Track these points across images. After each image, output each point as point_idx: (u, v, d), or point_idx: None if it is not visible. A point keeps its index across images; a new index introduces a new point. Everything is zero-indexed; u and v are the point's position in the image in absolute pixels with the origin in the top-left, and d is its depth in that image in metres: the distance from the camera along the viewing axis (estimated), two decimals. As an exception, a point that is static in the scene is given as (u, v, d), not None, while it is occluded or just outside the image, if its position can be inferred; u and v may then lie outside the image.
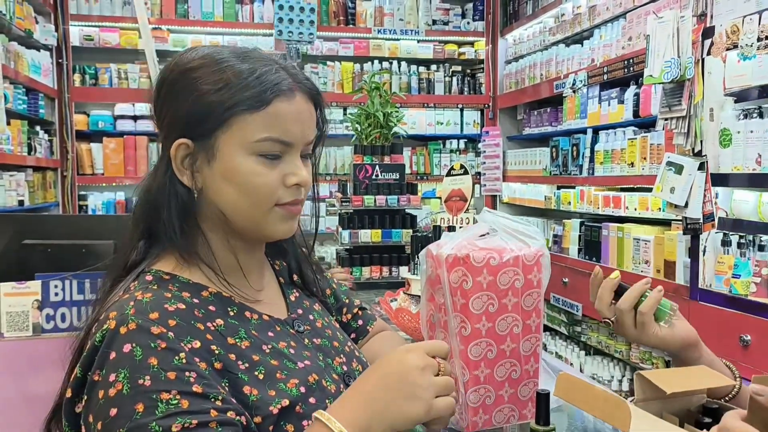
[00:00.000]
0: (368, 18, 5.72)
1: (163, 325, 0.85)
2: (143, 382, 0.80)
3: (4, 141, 3.88)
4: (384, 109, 3.21)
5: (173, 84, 0.96)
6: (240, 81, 0.93)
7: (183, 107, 0.94)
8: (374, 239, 3.20)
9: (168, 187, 0.96)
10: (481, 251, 1.14)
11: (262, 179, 0.94)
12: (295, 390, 0.92)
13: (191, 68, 0.96)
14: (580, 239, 4.12)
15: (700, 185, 2.78)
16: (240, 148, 0.93)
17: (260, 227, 0.98)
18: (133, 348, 0.82)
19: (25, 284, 2.48)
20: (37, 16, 4.76)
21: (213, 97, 0.93)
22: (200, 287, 0.96)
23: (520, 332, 1.17)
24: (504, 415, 1.18)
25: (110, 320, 0.86)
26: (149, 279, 0.94)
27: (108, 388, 0.81)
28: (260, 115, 0.93)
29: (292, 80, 0.97)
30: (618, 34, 3.92)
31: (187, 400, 0.80)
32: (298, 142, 0.98)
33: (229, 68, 0.94)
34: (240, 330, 0.94)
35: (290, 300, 1.10)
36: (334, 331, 1.12)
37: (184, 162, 0.96)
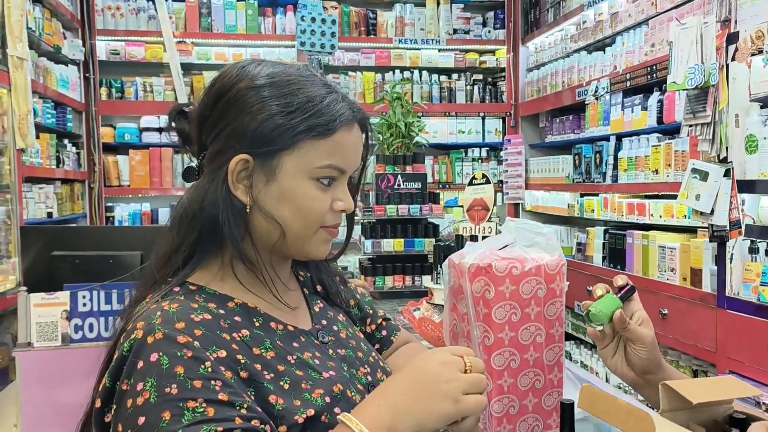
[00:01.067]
0: (389, 28, 5.74)
1: (189, 335, 0.87)
2: (170, 391, 0.82)
3: (33, 154, 3.96)
4: (406, 118, 3.22)
5: (239, 98, 0.97)
6: (311, 107, 0.96)
7: (250, 123, 0.95)
8: (397, 248, 3.21)
9: (226, 200, 0.96)
10: (504, 261, 1.15)
11: (317, 203, 0.98)
12: (320, 400, 0.92)
13: (261, 85, 0.97)
14: (604, 247, 4.09)
15: (726, 192, 2.74)
16: (301, 172, 0.96)
17: (304, 247, 1.01)
18: (160, 357, 0.84)
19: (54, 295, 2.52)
20: (65, 32, 4.86)
21: (283, 120, 0.95)
22: (226, 298, 0.98)
23: (543, 341, 1.17)
24: (528, 425, 1.18)
25: (137, 330, 0.87)
26: (177, 290, 0.96)
27: (136, 397, 0.82)
28: (326, 142, 0.97)
29: (351, 110, 1.01)
30: (640, 40, 3.89)
31: (212, 408, 0.82)
32: (351, 169, 1.03)
33: (301, 92, 0.97)
34: (266, 341, 0.96)
35: (314, 311, 1.11)
36: (358, 341, 1.13)
37: (239, 176, 0.97)
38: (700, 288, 3.10)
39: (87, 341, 2.30)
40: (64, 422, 1.03)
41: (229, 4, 5.42)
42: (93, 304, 2.36)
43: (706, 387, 0.92)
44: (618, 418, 0.83)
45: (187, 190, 1.03)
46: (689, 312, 3.15)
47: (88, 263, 2.45)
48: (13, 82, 3.46)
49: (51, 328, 2.37)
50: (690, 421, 0.91)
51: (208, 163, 1.00)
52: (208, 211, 0.97)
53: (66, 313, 2.37)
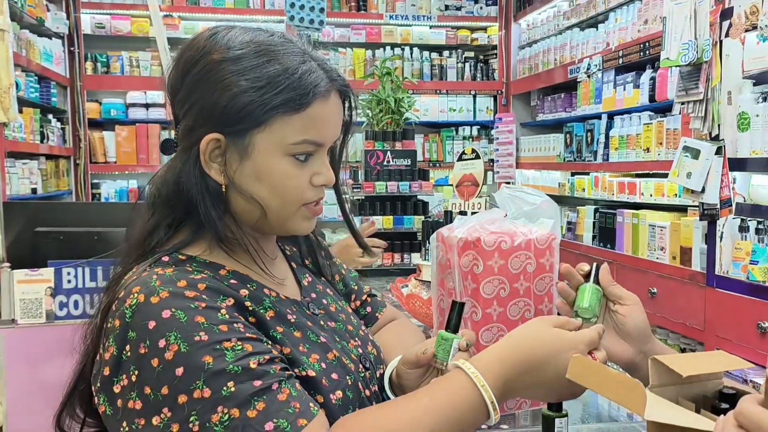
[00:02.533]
0: (380, 4, 5.67)
1: (195, 290, 0.86)
2: (200, 339, 0.81)
3: (16, 129, 3.89)
4: (395, 94, 3.18)
5: (207, 72, 0.92)
6: (283, 80, 0.91)
7: (219, 101, 0.91)
8: (386, 226, 3.19)
9: (200, 180, 0.93)
10: (492, 235, 1.12)
11: (294, 181, 0.94)
12: (317, 365, 0.92)
13: (227, 59, 0.92)
14: (594, 226, 4.08)
15: (717, 170, 2.73)
16: (275, 149, 0.92)
17: (284, 225, 0.98)
18: (173, 312, 0.83)
19: (38, 271, 2.49)
20: (48, 4, 4.76)
21: (253, 96, 0.90)
22: (218, 266, 0.95)
23: (532, 317, 1.15)
24: (515, 400, 1.17)
25: (135, 294, 0.85)
26: (166, 260, 0.93)
27: (162, 353, 0.80)
28: (300, 117, 0.92)
29: (328, 78, 0.95)
30: (634, 17, 3.85)
31: (249, 344, 0.83)
32: (329, 141, 0.98)
33: (271, 64, 0.92)
34: (264, 300, 0.95)
35: (303, 284, 1.09)
36: (348, 315, 1.11)
37: (212, 155, 0.93)
38: (689, 267, 3.10)
39: (72, 318, 2.27)
40: (48, 400, 1.01)
41: (217, -22, 5.34)
42: (78, 280, 2.33)
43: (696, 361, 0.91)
44: (608, 389, 0.81)
45: (162, 167, 1.00)
46: (678, 291, 3.15)
47: (73, 239, 2.42)
48: (-6, 55, 3.39)
49: (35, 305, 2.34)
50: (679, 396, 0.89)
51: (180, 140, 0.96)
52: (185, 192, 0.94)
53: (50, 290, 2.34)
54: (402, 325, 1.28)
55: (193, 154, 0.93)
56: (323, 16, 4.64)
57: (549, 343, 0.90)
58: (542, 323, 0.93)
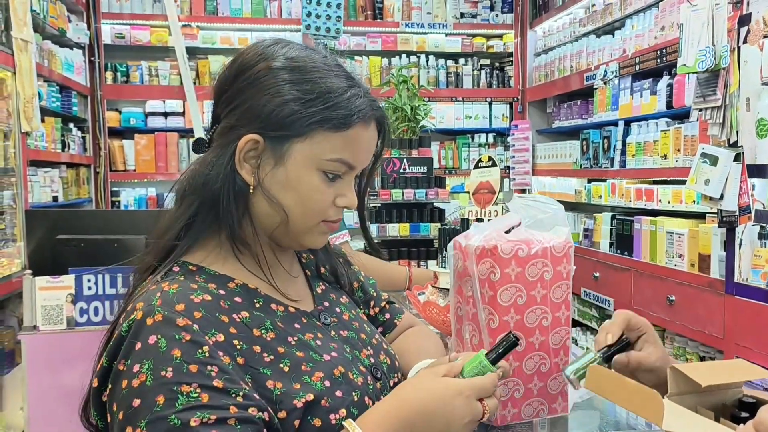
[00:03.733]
0: (396, 12, 5.69)
1: (189, 317, 0.86)
2: (165, 374, 0.81)
3: (38, 138, 3.95)
4: (412, 102, 3.19)
5: (259, 77, 0.95)
6: (331, 98, 0.94)
7: (267, 104, 0.94)
8: (402, 233, 3.19)
9: (229, 177, 0.95)
10: (509, 242, 1.13)
11: (320, 196, 0.97)
12: (320, 384, 0.92)
13: (283, 68, 0.95)
14: (611, 233, 4.06)
15: (735, 177, 2.71)
16: (310, 162, 0.95)
17: (301, 237, 1.00)
18: (158, 339, 0.83)
19: (59, 278, 2.52)
20: (69, 15, 4.83)
21: (300, 107, 0.93)
22: (227, 279, 0.96)
23: (549, 325, 1.15)
24: (533, 408, 1.17)
25: (137, 311, 0.87)
26: (176, 270, 0.95)
27: (132, 378, 0.82)
28: (340, 135, 0.95)
29: (371, 108, 0.99)
30: (650, 23, 3.84)
31: (207, 394, 0.81)
32: (360, 167, 1.01)
33: (322, 81, 0.95)
34: (266, 321, 0.95)
35: (317, 292, 1.10)
36: (361, 323, 1.12)
37: (246, 155, 0.95)
38: (708, 274, 3.08)
39: (92, 325, 2.30)
40: (69, 405, 1.03)
41: (235, -12, 5.39)
42: (98, 287, 2.35)
43: (715, 370, 0.91)
44: (626, 399, 0.81)
45: (193, 162, 1.02)
46: (697, 298, 3.13)
47: (93, 247, 2.45)
48: (17, 65, 3.45)
49: (56, 311, 2.37)
50: (698, 405, 0.89)
51: (218, 137, 0.98)
52: (211, 185, 0.95)
53: (71, 297, 2.37)
54: (421, 332, 1.28)
55: (229, 150, 0.95)
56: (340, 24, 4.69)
57: (437, 392, 0.90)
58: (430, 374, 0.94)
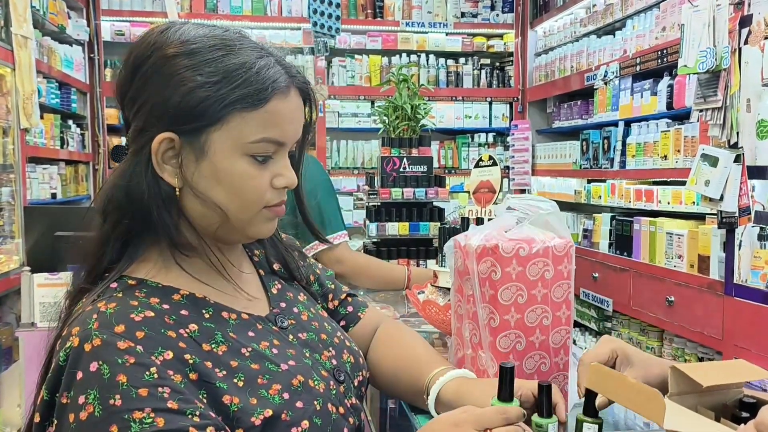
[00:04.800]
0: (396, 11, 5.69)
1: (131, 339, 0.80)
2: (114, 402, 0.76)
3: (37, 135, 3.94)
4: (412, 101, 3.18)
5: (159, 67, 0.87)
6: (240, 74, 0.86)
7: (171, 97, 0.85)
8: (402, 232, 3.19)
9: (152, 183, 0.87)
10: (510, 242, 1.12)
11: (254, 182, 0.89)
12: (278, 398, 0.87)
13: (179, 53, 0.87)
14: (611, 234, 4.06)
15: (736, 178, 2.71)
16: (233, 148, 0.87)
17: (246, 229, 0.93)
18: (100, 366, 0.78)
19: (57, 275, 2.51)
20: (69, 12, 4.83)
21: (208, 92, 0.85)
22: (171, 290, 0.90)
23: (549, 324, 1.15)
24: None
25: (73, 337, 0.80)
26: (114, 287, 0.88)
27: (79, 411, 0.76)
28: (258, 113, 0.88)
29: (287, 75, 0.91)
30: (651, 24, 3.84)
31: (162, 418, 0.76)
32: (290, 141, 0.93)
33: (226, 59, 0.87)
34: (216, 334, 0.88)
35: (272, 293, 1.04)
36: (321, 322, 1.06)
37: (165, 156, 0.88)
38: (707, 275, 3.08)
39: (90, 321, 2.30)
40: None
41: (235, -14, 5.38)
42: (96, 284, 2.35)
43: (717, 370, 0.90)
44: (627, 398, 0.81)
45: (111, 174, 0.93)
46: (696, 299, 3.13)
47: (92, 244, 2.43)
48: (17, 62, 3.44)
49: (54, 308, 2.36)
50: (699, 405, 0.89)
51: (131, 143, 0.90)
52: (135, 197, 0.88)
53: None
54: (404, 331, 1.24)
55: (144, 156, 0.88)
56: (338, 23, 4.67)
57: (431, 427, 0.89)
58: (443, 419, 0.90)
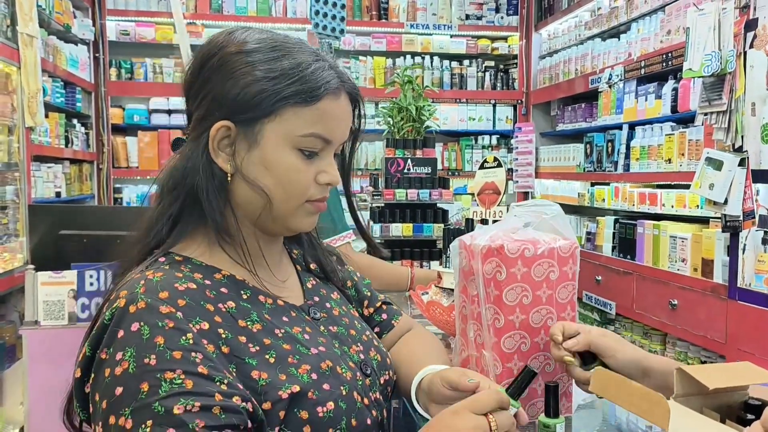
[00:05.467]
0: (401, 13, 5.70)
1: (172, 305, 0.85)
2: (149, 361, 0.80)
3: (42, 133, 3.95)
4: (416, 102, 3.19)
5: (223, 63, 0.94)
6: (296, 73, 0.93)
7: (232, 89, 0.93)
8: (405, 233, 3.19)
9: (206, 167, 0.94)
10: (516, 242, 1.12)
11: (300, 175, 0.95)
12: (306, 376, 0.90)
13: (245, 51, 0.94)
14: (614, 237, 4.05)
15: (740, 182, 2.70)
16: (283, 140, 0.93)
17: (287, 219, 0.98)
18: (141, 327, 0.82)
19: (61, 274, 2.51)
20: (75, 11, 4.85)
21: (266, 85, 0.92)
22: (213, 270, 0.95)
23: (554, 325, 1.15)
24: (537, 408, 1.16)
25: (120, 299, 0.86)
26: (162, 260, 0.95)
27: (114, 366, 0.81)
28: (310, 110, 0.94)
29: (339, 79, 0.97)
30: (656, 27, 3.84)
31: (191, 380, 0.80)
32: (337, 141, 0.99)
33: (285, 58, 0.94)
34: (252, 313, 0.93)
35: (307, 287, 1.09)
36: (352, 319, 1.10)
37: (221, 144, 0.94)
38: (711, 279, 3.07)
39: (93, 320, 2.30)
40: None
41: (240, -14, 5.39)
42: (100, 283, 2.35)
43: (722, 372, 0.90)
44: (631, 402, 0.81)
45: (171, 157, 1.01)
46: (700, 303, 3.12)
47: (96, 243, 2.44)
48: (22, 60, 3.45)
49: (58, 306, 2.37)
50: (704, 407, 0.89)
51: (192, 131, 0.97)
52: (189, 179, 0.94)
53: (73, 292, 2.37)
54: (423, 335, 1.26)
55: (202, 141, 0.95)
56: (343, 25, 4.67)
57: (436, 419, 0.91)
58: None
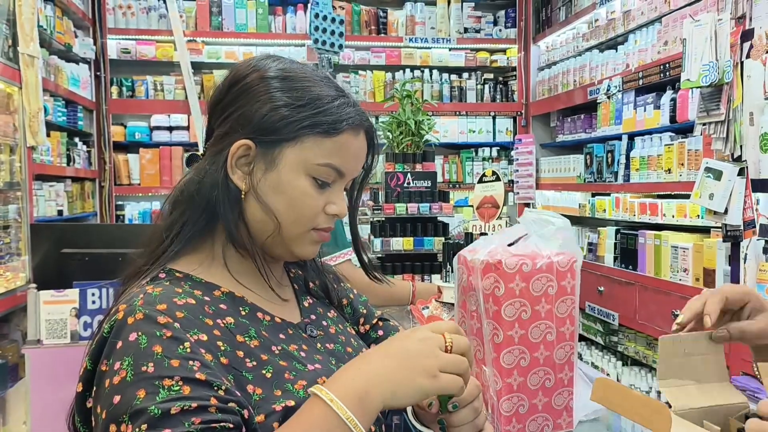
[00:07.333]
0: (399, 27, 5.73)
1: (170, 316, 0.86)
2: (146, 369, 0.81)
3: (44, 152, 3.97)
4: (416, 116, 3.20)
5: (252, 86, 0.98)
6: (322, 104, 0.97)
7: (259, 110, 0.96)
8: (406, 247, 3.19)
9: (222, 182, 0.96)
10: (514, 257, 1.13)
11: (311, 201, 0.98)
12: (303, 392, 0.91)
13: (274, 77, 0.98)
14: (615, 247, 4.05)
15: (740, 191, 2.71)
16: (300, 166, 0.97)
17: (292, 244, 1.00)
18: (138, 336, 0.83)
19: (63, 292, 2.52)
20: (76, 31, 4.87)
21: (291, 112, 0.96)
22: (213, 287, 0.97)
23: (553, 340, 1.15)
24: (538, 424, 1.16)
25: (119, 312, 0.87)
26: (162, 276, 0.96)
27: (113, 376, 0.82)
28: (330, 141, 0.97)
29: (359, 117, 1.01)
30: (653, 38, 3.86)
31: (189, 387, 0.81)
32: (350, 175, 1.02)
33: (312, 89, 0.98)
34: (250, 329, 0.94)
35: (304, 306, 1.10)
36: (348, 337, 1.11)
37: (239, 161, 0.97)
38: (713, 288, 3.06)
39: (96, 338, 2.30)
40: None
41: (240, 3, 5.42)
42: (102, 301, 2.35)
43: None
44: (633, 411, 0.81)
45: (187, 171, 1.03)
46: (702, 313, 3.11)
47: (98, 261, 2.45)
48: (24, 80, 3.47)
49: (60, 325, 2.37)
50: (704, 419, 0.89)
51: (211, 146, 1.00)
52: (204, 192, 0.97)
53: (75, 311, 2.37)
54: None
55: (222, 156, 0.97)
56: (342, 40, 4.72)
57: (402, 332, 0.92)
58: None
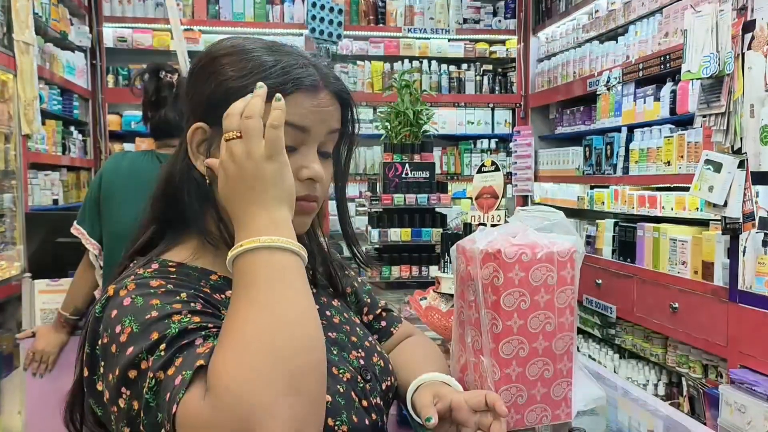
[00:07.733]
0: (398, 17, 5.69)
1: (163, 280, 0.87)
2: (149, 317, 0.80)
3: (39, 141, 3.94)
4: (414, 107, 3.18)
5: (201, 70, 0.95)
6: (263, 70, 0.91)
7: (205, 91, 0.93)
8: (404, 238, 3.18)
9: (185, 171, 0.94)
10: (513, 247, 1.11)
11: None
12: None
13: (220, 55, 0.95)
14: (614, 240, 4.04)
15: (739, 184, 2.69)
16: None
17: None
18: (133, 299, 0.83)
19: (58, 281, 2.51)
20: (72, 18, 4.84)
21: (233, 83, 0.91)
22: (208, 272, 0.94)
23: (553, 330, 1.14)
24: (536, 415, 1.15)
25: (108, 291, 0.87)
26: (155, 267, 0.93)
27: (119, 337, 0.81)
28: None
29: (320, 78, 0.94)
30: (654, 29, 3.83)
31: (198, 317, 0.81)
32: (316, 131, 0.93)
33: (256, 58, 0.93)
34: None
35: None
36: (353, 327, 1.08)
37: (199, 147, 0.93)
38: (711, 281, 3.06)
39: (90, 328, 2.29)
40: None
41: (238, -8, 5.40)
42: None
43: None
44: None
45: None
46: (700, 306, 3.11)
47: (93, 250, 2.42)
48: (19, 68, 3.44)
49: (55, 314, 2.35)
50: None
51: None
52: (172, 182, 0.95)
53: (69, 300, 2.35)
54: (421, 342, 1.24)
55: (183, 146, 0.95)
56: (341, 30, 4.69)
57: None
58: None
